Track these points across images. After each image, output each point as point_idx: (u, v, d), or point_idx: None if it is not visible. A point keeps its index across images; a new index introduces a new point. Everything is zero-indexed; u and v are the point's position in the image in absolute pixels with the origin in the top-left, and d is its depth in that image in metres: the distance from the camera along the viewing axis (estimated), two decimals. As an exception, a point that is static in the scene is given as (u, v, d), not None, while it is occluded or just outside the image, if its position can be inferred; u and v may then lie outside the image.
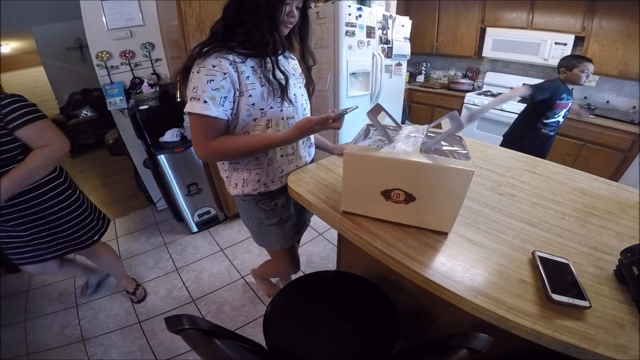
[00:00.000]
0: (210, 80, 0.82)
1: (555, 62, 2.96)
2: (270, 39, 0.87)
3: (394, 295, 1.01)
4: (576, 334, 0.55)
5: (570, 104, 2.03)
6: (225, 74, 0.83)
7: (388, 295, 1.00)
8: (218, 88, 0.83)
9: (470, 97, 3.49)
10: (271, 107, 0.93)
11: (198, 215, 2.37)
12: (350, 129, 2.71)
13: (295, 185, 1.00)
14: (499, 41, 3.35)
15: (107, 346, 1.59)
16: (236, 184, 1.07)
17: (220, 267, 2.08)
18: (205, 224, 2.45)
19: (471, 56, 3.70)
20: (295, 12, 0.90)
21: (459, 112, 3.53)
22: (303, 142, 1.13)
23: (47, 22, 4.37)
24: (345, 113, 0.90)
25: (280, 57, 0.98)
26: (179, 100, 2.20)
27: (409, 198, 0.75)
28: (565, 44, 2.89)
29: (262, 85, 0.90)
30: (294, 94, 1.01)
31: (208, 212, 2.41)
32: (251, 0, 0.83)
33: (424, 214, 0.77)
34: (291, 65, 1.06)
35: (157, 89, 2.18)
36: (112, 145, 2.80)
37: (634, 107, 2.77)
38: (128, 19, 2.09)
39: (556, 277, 0.65)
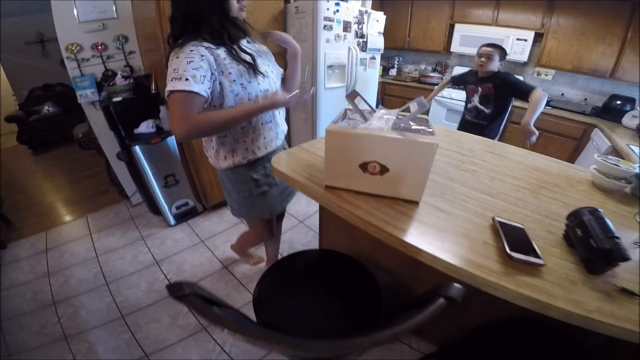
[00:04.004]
0: (190, 61, 0.88)
1: (516, 57, 3.20)
2: (223, 31, 0.97)
3: (373, 274, 1.07)
4: (536, 289, 0.62)
5: (479, 89, 2.10)
6: (202, 56, 0.90)
7: (369, 269, 1.05)
8: (197, 68, 0.89)
9: (439, 90, 3.65)
10: (250, 82, 1.01)
11: (176, 207, 2.35)
12: (329, 114, 2.77)
13: (279, 165, 1.06)
14: (466, 37, 3.52)
15: (92, 342, 1.56)
16: (225, 157, 1.14)
17: (202, 258, 2.08)
18: (184, 216, 2.43)
19: (440, 51, 3.87)
20: None
21: (428, 103, 3.69)
22: (279, 112, 1.23)
23: (5, 16, 4.11)
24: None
25: (244, 41, 1.08)
26: (154, 92, 2.17)
27: (384, 169, 0.83)
28: (526, 40, 3.10)
29: (237, 65, 0.99)
30: (265, 70, 1.09)
31: (186, 204, 2.39)
32: (195, 3, 0.93)
33: (397, 185, 0.85)
34: (256, 47, 1.15)
35: (131, 81, 2.13)
36: (81, 140, 2.69)
37: (585, 99, 3.03)
38: (101, 12, 2.04)
39: (514, 239, 0.74)
